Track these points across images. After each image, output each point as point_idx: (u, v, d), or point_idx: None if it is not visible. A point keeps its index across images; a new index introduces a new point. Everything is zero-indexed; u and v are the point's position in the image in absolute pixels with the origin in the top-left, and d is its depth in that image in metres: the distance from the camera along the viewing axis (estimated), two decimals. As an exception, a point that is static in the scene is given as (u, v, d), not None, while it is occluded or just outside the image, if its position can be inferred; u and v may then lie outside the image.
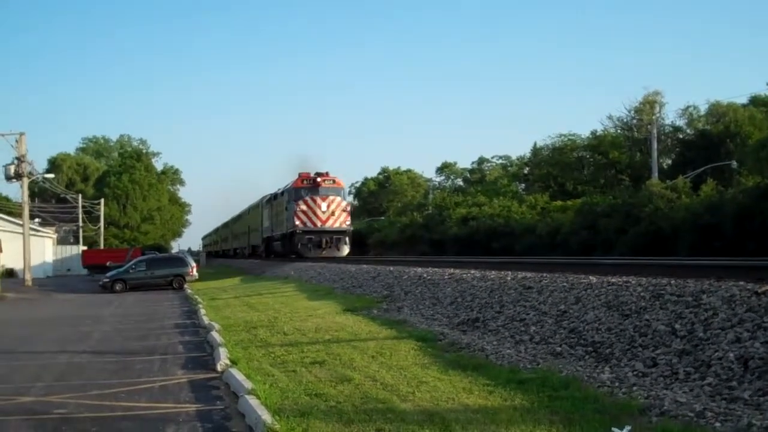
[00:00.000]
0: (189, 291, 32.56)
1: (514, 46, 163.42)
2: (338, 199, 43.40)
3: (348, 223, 43.65)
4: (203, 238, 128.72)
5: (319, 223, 42.28)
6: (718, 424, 6.23)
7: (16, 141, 43.81)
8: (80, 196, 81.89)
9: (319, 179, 43.31)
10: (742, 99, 58.95)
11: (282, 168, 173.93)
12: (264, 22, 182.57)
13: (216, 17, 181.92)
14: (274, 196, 51.42)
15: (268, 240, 53.80)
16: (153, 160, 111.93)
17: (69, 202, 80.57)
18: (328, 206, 42.54)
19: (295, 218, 42.21)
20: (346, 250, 43.02)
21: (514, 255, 39.13)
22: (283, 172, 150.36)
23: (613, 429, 6.14)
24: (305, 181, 43.59)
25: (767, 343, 7.61)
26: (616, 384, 7.92)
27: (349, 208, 43.89)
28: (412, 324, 14.02)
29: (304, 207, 42.24)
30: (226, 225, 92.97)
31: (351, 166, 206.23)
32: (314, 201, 42.47)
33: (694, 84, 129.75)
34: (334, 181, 44.03)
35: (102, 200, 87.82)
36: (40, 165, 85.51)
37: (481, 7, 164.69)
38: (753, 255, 21.91)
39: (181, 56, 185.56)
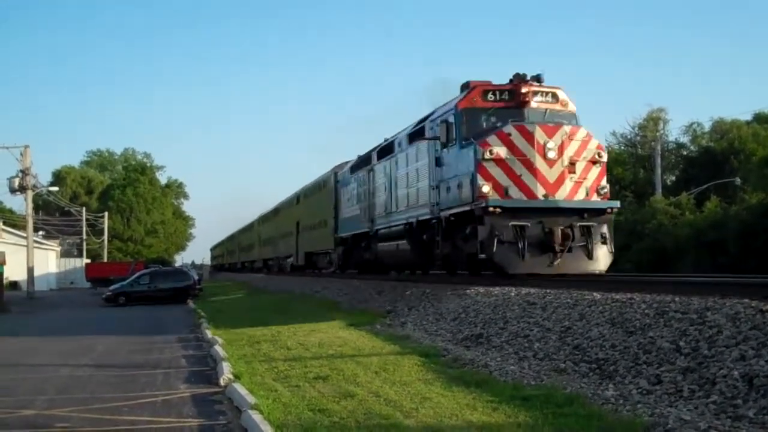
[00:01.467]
0: (192, 305, 32.57)
1: (520, 60, 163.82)
2: (581, 132, 18.64)
3: (606, 189, 18.77)
4: (212, 249, 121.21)
5: (540, 191, 18.02)
6: (723, 443, 6.20)
7: (21, 154, 44.07)
8: (84, 209, 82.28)
9: (524, 88, 19.03)
10: (746, 116, 59.00)
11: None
12: (268, 32, 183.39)
13: (221, 28, 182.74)
14: (382, 152, 26.50)
15: (357, 240, 30.54)
16: (157, 174, 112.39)
17: (73, 215, 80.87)
18: (561, 149, 18.14)
19: (480, 179, 17.95)
20: (606, 257, 18.24)
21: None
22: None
23: None
24: (492, 95, 19.44)
25: (772, 361, 7.57)
26: (621, 401, 7.90)
27: (604, 157, 19.14)
28: (416, 339, 14.00)
29: (500, 150, 17.94)
30: (246, 229, 74.82)
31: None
32: (526, 136, 18.08)
33: (698, 101, 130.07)
34: (555, 97, 19.56)
35: (106, 213, 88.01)
36: (44, 178, 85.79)
37: (483, 20, 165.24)
38: (756, 272, 21.89)
39: (186, 69, 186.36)
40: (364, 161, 29.59)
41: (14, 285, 49.77)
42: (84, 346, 17.91)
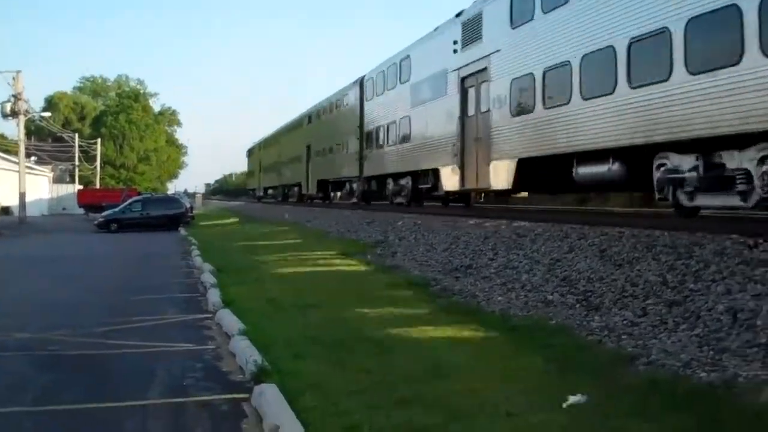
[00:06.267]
0: (183, 232, 32.61)
1: None
2: None
3: None
4: (248, 153, 73.01)
5: None
6: (704, 374, 6.26)
7: (13, 78, 43.44)
8: (77, 135, 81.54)
9: None
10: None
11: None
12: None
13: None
14: None
15: None
16: (150, 101, 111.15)
17: (65, 141, 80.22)
18: None
19: None
20: None
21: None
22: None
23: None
24: None
25: (757, 295, 7.64)
26: (606, 333, 7.96)
27: None
28: (406, 269, 14.05)
29: None
30: (276, 138, 48.82)
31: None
32: None
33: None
34: None
35: (98, 140, 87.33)
36: (36, 103, 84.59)
37: None
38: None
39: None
40: None
41: (6, 210, 49.67)
42: (75, 270, 17.98)
